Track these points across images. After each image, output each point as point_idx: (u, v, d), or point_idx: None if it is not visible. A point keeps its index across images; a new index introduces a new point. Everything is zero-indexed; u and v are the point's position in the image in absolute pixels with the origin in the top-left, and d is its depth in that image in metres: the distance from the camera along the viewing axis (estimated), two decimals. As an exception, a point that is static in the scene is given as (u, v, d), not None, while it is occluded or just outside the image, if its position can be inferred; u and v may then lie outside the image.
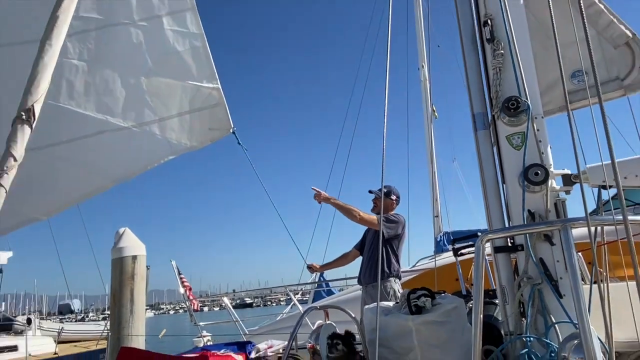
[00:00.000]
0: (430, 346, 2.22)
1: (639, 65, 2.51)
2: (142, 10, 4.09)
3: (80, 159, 4.07)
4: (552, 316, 2.18)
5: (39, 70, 3.08)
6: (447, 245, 7.89)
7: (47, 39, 3.07)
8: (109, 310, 6.92)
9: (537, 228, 2.17)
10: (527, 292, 2.25)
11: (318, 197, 4.00)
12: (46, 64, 3.09)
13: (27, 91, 3.11)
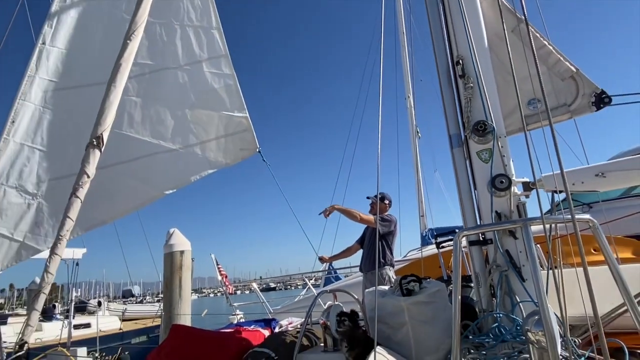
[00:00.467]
0: (419, 322, 2.22)
1: (582, 94, 2.52)
2: (186, 57, 4.16)
3: (138, 175, 4.12)
4: (517, 296, 2.17)
5: (106, 106, 3.15)
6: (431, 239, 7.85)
7: (112, 82, 3.15)
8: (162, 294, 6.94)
9: (503, 226, 2.18)
10: (496, 277, 2.24)
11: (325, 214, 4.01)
12: (112, 102, 3.16)
13: (97, 122, 3.18)
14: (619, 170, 2.24)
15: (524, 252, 2.15)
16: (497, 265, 2.23)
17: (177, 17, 4.14)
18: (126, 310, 14.52)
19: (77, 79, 4.01)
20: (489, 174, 2.29)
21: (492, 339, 2.10)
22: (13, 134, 3.87)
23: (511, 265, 2.17)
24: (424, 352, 2.18)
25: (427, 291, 2.28)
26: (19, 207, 3.88)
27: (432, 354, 2.19)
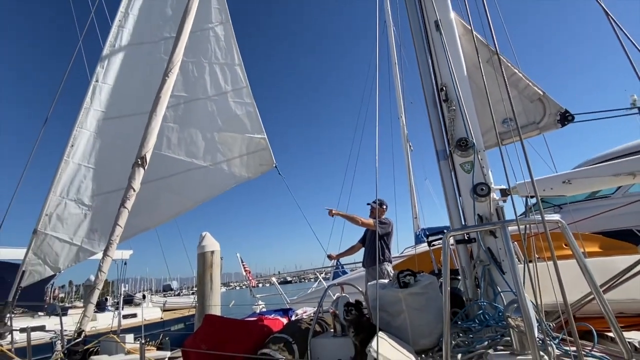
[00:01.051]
0: (414, 310, 2.20)
1: (548, 113, 2.50)
2: (214, 89, 4.21)
3: (175, 189, 4.15)
4: (498, 287, 2.15)
5: (148, 131, 3.20)
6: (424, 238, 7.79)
7: (153, 111, 3.20)
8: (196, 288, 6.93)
9: (484, 227, 2.17)
10: (480, 270, 2.22)
11: (330, 213, 4.03)
12: (153, 128, 3.21)
13: (141, 145, 3.22)
14: (583, 178, 2.22)
15: (503, 249, 2.14)
16: (481, 260, 2.22)
17: (206, 56, 4.21)
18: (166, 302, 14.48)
19: (124, 109, 4.06)
20: (471, 183, 2.28)
21: (477, 324, 2.09)
22: (72, 156, 3.93)
23: (492, 261, 2.16)
24: (419, 335, 2.17)
25: (421, 283, 2.26)
26: (77, 217, 3.93)
27: (426, 337, 2.17)
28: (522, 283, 1.67)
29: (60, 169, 3.89)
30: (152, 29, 4.13)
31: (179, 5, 3.57)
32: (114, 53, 4.04)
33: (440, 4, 2.60)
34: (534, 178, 1.67)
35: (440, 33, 2.50)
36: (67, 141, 3.95)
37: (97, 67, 4.02)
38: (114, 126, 4.05)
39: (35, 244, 3.81)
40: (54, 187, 3.87)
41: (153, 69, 3.87)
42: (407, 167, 10.93)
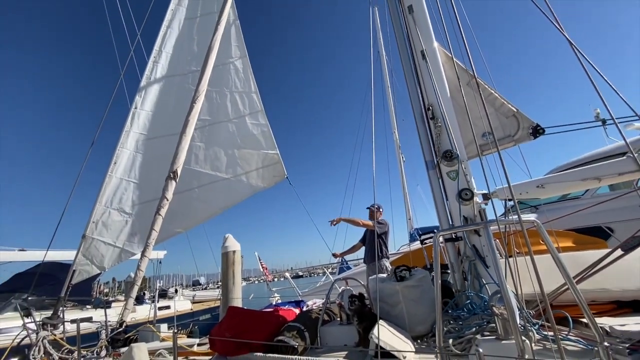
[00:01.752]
0: (410, 300, 2.17)
1: (522, 127, 2.48)
2: (234, 113, 4.26)
3: (202, 198, 4.16)
4: (483, 279, 2.11)
5: (179, 149, 3.24)
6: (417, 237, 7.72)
7: (183, 132, 3.24)
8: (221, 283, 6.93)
9: (469, 227, 2.14)
10: (467, 265, 2.19)
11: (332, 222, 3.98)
12: (183, 146, 3.25)
13: (173, 161, 3.25)
14: (554, 183, 2.19)
15: (486, 245, 2.11)
16: (467, 256, 2.19)
17: (227, 86, 4.27)
18: (195, 296, 14.44)
19: (158, 131, 4.11)
20: (456, 189, 2.26)
21: (466, 312, 2.05)
22: (115, 171, 3.99)
23: (477, 256, 2.13)
24: (415, 323, 2.14)
25: (415, 277, 2.24)
26: (120, 223, 3.97)
27: (422, 324, 2.14)
28: (504, 276, 1.65)
29: (105, 182, 3.94)
30: (181, 64, 4.21)
31: (204, 44, 3.63)
32: (149, 84, 4.12)
33: (425, 36, 2.61)
34: (511, 183, 1.67)
35: (426, 61, 2.51)
36: (111, 159, 4.00)
37: (135, 96, 4.09)
38: (150, 145, 4.11)
39: (84, 247, 3.85)
40: (100, 198, 3.92)
41: (182, 97, 3.92)
42: (401, 175, 10.89)
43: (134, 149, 4.06)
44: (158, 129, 4.15)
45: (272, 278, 9.03)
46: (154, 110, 4.14)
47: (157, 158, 4.07)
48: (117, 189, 3.99)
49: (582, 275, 1.85)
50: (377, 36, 10.32)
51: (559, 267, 1.53)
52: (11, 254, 8.71)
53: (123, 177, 4.02)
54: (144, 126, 4.12)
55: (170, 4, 4.23)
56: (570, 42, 1.65)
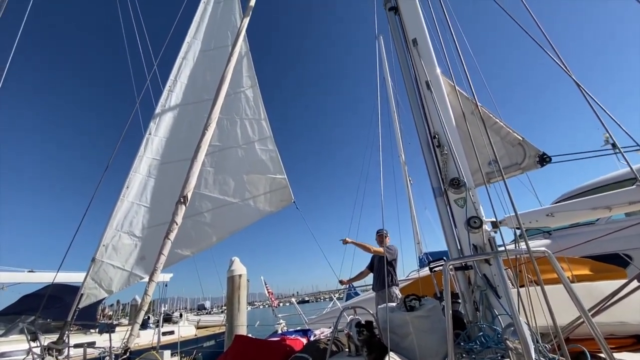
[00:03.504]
0: (421, 331, 2.12)
1: (528, 155, 2.49)
2: (243, 139, 4.39)
3: (211, 222, 4.19)
4: (495, 310, 2.06)
5: (190, 175, 3.32)
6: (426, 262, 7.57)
7: (194, 158, 3.34)
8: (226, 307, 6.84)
9: (479, 257, 2.10)
10: (478, 295, 2.14)
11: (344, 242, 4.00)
12: (194, 171, 3.33)
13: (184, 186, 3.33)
14: (564, 211, 2.17)
15: (497, 275, 2.07)
16: (478, 285, 2.14)
17: (237, 113, 4.43)
18: (200, 321, 14.19)
19: (170, 157, 4.24)
20: (465, 216, 2.25)
21: (479, 345, 1.99)
22: (127, 195, 4.08)
23: (488, 286, 2.08)
24: (426, 355, 2.07)
25: (426, 307, 2.20)
26: (129, 247, 4.02)
27: (433, 357, 2.07)
28: (517, 307, 1.62)
29: (117, 206, 4.03)
30: (195, 93, 4.40)
31: (217, 74, 3.82)
32: (164, 112, 4.29)
33: (429, 67, 2.71)
34: (518, 212, 1.67)
35: (431, 91, 2.59)
36: (124, 183, 4.11)
37: (150, 123, 4.26)
38: (161, 170, 4.22)
39: (93, 270, 3.88)
40: (111, 222, 3.99)
41: (195, 124, 4.07)
42: (409, 198, 10.83)
43: (146, 173, 4.18)
44: (170, 155, 4.28)
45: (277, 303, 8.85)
46: (167, 137, 4.28)
47: (168, 182, 4.17)
48: (128, 212, 4.07)
49: (598, 308, 1.80)
50: (382, 63, 10.65)
51: (573, 300, 1.50)
52: (21, 275, 8.79)
53: (134, 201, 4.11)
54: (157, 151, 4.25)
55: (186, 37, 4.50)
56: (579, 84, 1.70)
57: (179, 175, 3.54)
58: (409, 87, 2.84)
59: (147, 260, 4.02)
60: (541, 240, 4.00)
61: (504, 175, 2.12)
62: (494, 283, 2.10)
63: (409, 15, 3.07)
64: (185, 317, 13.66)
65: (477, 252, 2.14)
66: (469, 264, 2.22)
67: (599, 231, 4.00)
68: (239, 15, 4.69)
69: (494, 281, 2.11)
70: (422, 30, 2.95)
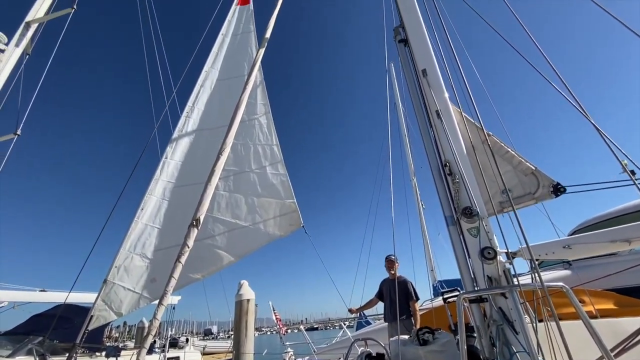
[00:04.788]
0: (434, 367, 2.06)
1: (542, 185, 2.47)
2: (256, 164, 4.48)
3: (221, 245, 4.21)
4: (513, 347, 1.98)
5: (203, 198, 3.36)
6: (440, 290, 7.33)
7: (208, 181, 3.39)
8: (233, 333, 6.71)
9: (494, 291, 2.04)
10: (494, 330, 2.06)
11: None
12: (207, 195, 3.38)
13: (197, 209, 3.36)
14: (581, 244, 2.12)
15: (514, 309, 2.01)
16: (494, 320, 2.07)
17: (251, 139, 4.57)
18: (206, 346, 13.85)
19: (185, 180, 4.35)
20: (478, 246, 2.22)
21: (496, 384, 1.90)
22: (141, 217, 4.17)
23: (505, 321, 2.01)
24: (441, 394, 2.00)
25: (439, 341, 2.13)
26: (141, 269, 4.05)
27: (447, 396, 2.00)
28: (535, 345, 1.56)
29: (131, 228, 4.12)
30: (211, 119, 4.59)
31: (232, 101, 3.98)
32: (181, 137, 4.47)
33: (439, 97, 2.78)
34: (532, 243, 1.65)
35: (441, 120, 2.64)
36: (139, 205, 4.22)
37: (167, 147, 4.43)
38: (176, 193, 4.32)
39: (104, 292, 3.91)
40: (125, 243, 4.06)
41: (210, 149, 4.21)
42: (421, 223, 10.66)
43: (161, 196, 4.28)
44: (185, 178, 4.38)
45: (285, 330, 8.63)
46: (183, 160, 4.42)
47: (182, 205, 4.25)
48: (141, 234, 4.14)
49: (622, 347, 1.72)
50: (393, 88, 10.87)
51: (594, 338, 1.45)
52: (32, 295, 8.88)
53: (148, 222, 4.19)
54: (172, 175, 4.38)
55: (204, 66, 4.76)
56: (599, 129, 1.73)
57: (192, 198, 3.60)
58: (419, 115, 2.90)
59: (158, 282, 4.03)
60: (560, 271, 3.86)
61: (515, 205, 2.11)
62: (510, 318, 2.03)
63: (418, 47, 3.18)
64: (191, 342, 13.37)
65: (492, 284, 2.09)
66: (484, 296, 2.16)
67: (623, 262, 3.84)
68: (254, 46, 4.96)
69: (510, 315, 2.04)
70: (431, 61, 3.05)
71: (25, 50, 4.78)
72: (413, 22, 3.32)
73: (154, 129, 4.79)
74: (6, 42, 4.64)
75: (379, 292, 4.34)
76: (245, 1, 5.50)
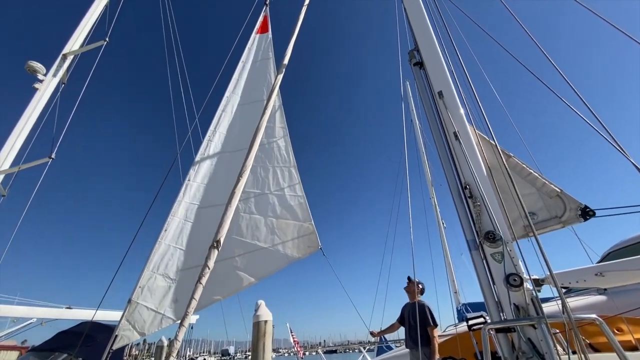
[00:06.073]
0: (461, 401, 1.96)
1: (569, 208, 2.37)
2: (275, 185, 4.58)
3: (241, 266, 4.25)
4: (545, 382, 1.87)
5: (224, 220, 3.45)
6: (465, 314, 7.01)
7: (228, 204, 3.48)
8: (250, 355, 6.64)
9: (522, 322, 1.94)
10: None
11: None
12: (228, 216, 3.47)
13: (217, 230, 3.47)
14: (615, 271, 2.01)
15: (544, 341, 1.91)
16: (523, 352, 1.98)
17: (270, 161, 4.70)
18: (223, 367, 13.79)
19: (207, 201, 4.48)
20: (503, 272, 2.15)
21: (528, 423, 1.79)
22: (165, 238, 4.30)
23: (535, 353, 1.91)
24: None
25: (465, 373, 2.05)
26: (163, 289, 4.14)
27: None
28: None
29: (155, 248, 4.25)
30: (232, 142, 4.76)
31: (252, 125, 4.13)
32: (203, 160, 4.64)
33: (456, 119, 2.78)
34: (558, 270, 1.59)
35: (459, 142, 2.62)
36: (162, 226, 4.37)
37: (190, 170, 4.61)
38: (198, 215, 4.44)
39: (129, 312, 4.01)
40: (148, 264, 4.19)
41: (230, 171, 4.34)
42: (443, 244, 10.32)
43: (183, 217, 4.42)
44: (206, 200, 4.51)
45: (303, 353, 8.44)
46: (205, 183, 4.56)
47: (203, 226, 4.37)
48: (164, 254, 4.26)
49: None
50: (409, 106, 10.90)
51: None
52: (59, 312, 9.19)
53: (171, 243, 4.31)
54: (194, 196, 4.52)
55: (225, 92, 4.98)
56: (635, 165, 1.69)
57: (213, 219, 3.70)
58: (436, 137, 2.90)
59: (180, 303, 4.10)
60: (594, 297, 3.61)
61: (541, 229, 2.04)
62: (541, 350, 1.92)
63: (433, 69, 3.22)
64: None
65: (519, 312, 2.00)
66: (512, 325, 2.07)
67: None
68: (273, 72, 5.17)
69: (540, 348, 1.94)
70: (447, 82, 3.07)
71: (62, 80, 5.19)
72: (428, 45, 3.38)
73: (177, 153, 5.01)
74: (44, 73, 5.06)
75: (400, 317, 4.22)
76: (264, 30, 5.78)
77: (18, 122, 4.72)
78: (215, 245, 3.49)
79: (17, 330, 9.05)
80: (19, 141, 4.70)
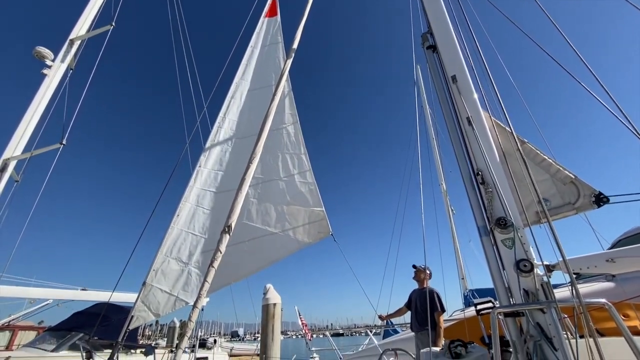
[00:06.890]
0: (468, 382, 2.03)
1: (583, 195, 2.35)
2: (284, 172, 4.63)
3: (252, 251, 4.37)
4: (552, 364, 1.92)
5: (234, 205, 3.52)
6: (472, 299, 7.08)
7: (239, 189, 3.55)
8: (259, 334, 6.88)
9: (530, 306, 1.97)
10: (532, 346, 2.00)
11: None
12: (238, 202, 3.54)
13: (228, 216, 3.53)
14: (627, 257, 2.02)
15: (553, 325, 1.94)
16: (531, 335, 2.02)
17: (279, 148, 4.73)
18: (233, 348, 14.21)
19: (217, 187, 4.58)
20: (513, 258, 2.17)
21: (535, 403, 1.85)
22: (177, 223, 4.43)
23: (543, 337, 1.95)
24: (475, 409, 1.97)
25: (473, 355, 2.10)
26: (177, 272, 4.29)
27: (482, 412, 1.96)
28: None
29: (168, 233, 4.38)
30: (241, 128, 4.80)
31: (261, 111, 4.15)
32: (213, 146, 4.70)
33: (470, 104, 2.74)
34: (570, 256, 1.61)
35: (472, 127, 2.60)
36: (174, 212, 4.48)
37: (200, 156, 4.68)
38: (209, 200, 4.55)
39: (143, 294, 4.17)
40: (162, 248, 4.32)
41: (240, 157, 4.40)
42: (451, 229, 10.33)
43: (195, 202, 4.52)
44: (217, 185, 4.61)
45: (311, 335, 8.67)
46: (215, 169, 4.64)
47: (214, 211, 4.48)
48: (177, 239, 4.39)
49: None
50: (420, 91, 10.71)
51: (637, 357, 1.40)
52: (74, 293, 9.56)
53: (183, 228, 4.44)
54: (205, 182, 4.61)
55: (234, 78, 4.98)
56: None
57: (224, 205, 3.79)
58: (449, 122, 2.87)
59: (192, 285, 4.25)
60: (603, 283, 3.61)
61: (554, 215, 2.05)
62: (549, 334, 1.96)
63: (447, 53, 3.16)
64: (219, 343, 13.77)
65: (529, 297, 2.03)
66: (520, 310, 2.10)
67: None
68: (282, 57, 5.13)
69: (549, 331, 1.97)
70: (461, 67, 3.01)
71: (70, 66, 5.22)
72: (442, 28, 3.30)
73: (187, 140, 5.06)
74: (52, 59, 5.10)
75: (408, 301, 4.30)
76: (273, 13, 5.70)
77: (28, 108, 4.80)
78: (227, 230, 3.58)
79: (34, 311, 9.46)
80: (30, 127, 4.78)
